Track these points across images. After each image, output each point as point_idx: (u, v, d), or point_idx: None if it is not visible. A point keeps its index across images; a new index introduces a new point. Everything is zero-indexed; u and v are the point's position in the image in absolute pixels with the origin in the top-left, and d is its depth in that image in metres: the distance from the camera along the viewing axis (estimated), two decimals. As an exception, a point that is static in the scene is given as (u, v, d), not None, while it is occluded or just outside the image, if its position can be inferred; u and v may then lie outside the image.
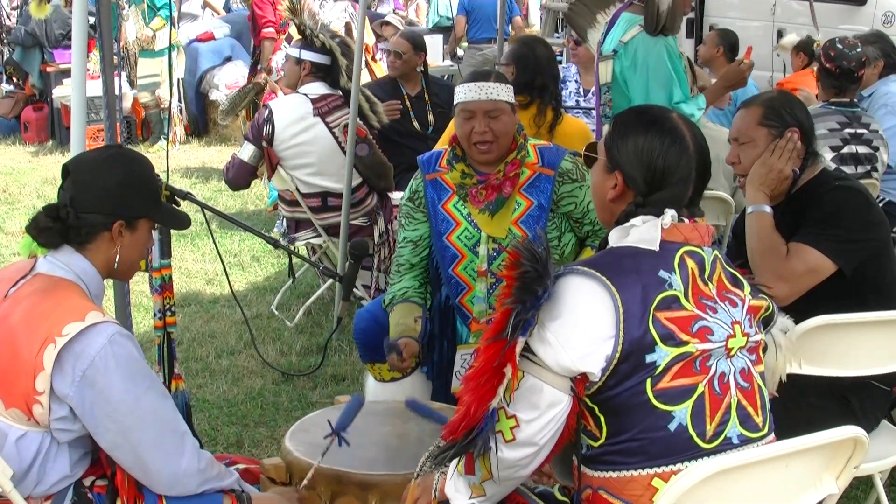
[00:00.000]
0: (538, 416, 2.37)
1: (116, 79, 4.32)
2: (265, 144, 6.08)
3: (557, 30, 13.72)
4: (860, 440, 2.50)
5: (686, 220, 2.50)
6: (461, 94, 4.04)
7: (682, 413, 2.38)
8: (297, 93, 6.25)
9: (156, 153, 11.41)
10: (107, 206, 2.91)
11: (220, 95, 12.18)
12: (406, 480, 2.84)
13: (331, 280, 6.33)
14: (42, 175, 10.79)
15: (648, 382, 2.36)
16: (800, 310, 3.22)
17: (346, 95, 6.15)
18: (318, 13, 6.47)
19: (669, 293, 2.39)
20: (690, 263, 2.45)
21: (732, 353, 2.45)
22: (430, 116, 7.22)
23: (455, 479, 2.53)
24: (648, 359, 2.35)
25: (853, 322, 3.41)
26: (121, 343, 2.74)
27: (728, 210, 5.51)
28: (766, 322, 2.67)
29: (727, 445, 2.43)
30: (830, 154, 5.46)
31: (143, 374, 2.79)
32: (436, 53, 11.76)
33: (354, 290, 5.49)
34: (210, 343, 6.16)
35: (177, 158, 11.32)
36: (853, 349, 3.45)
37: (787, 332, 2.80)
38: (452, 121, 4.30)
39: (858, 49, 5.78)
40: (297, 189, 6.20)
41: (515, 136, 4.08)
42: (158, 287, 3.85)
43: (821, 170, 3.77)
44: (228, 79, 12.41)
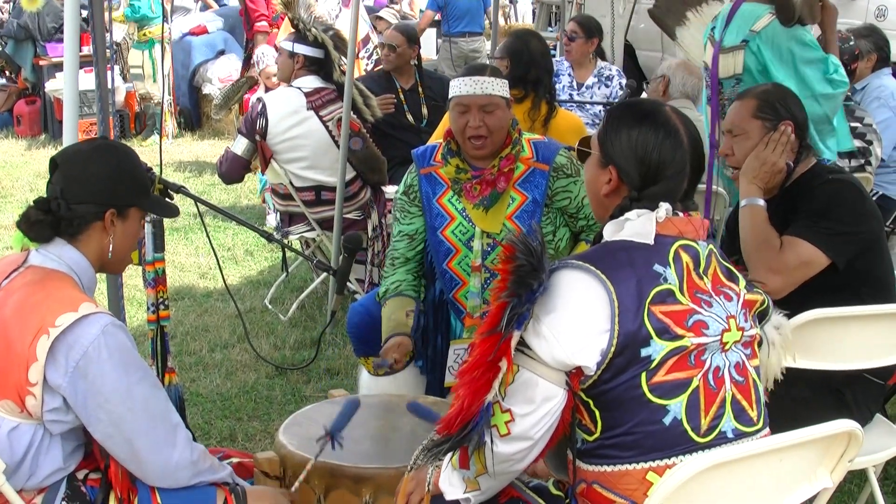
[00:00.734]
0: (533, 411, 2.37)
1: (109, 72, 4.31)
2: (259, 138, 6.08)
3: (551, 23, 13.74)
4: (854, 434, 2.50)
5: (680, 214, 2.50)
6: (456, 88, 4.03)
7: (677, 407, 2.38)
8: (291, 86, 6.25)
9: (149, 147, 11.40)
10: (98, 196, 2.90)
11: (214, 89, 12.16)
12: (400, 474, 2.83)
13: (324, 274, 6.33)
14: (35, 169, 10.77)
15: (643, 376, 2.35)
16: (793, 303, 3.22)
17: (340, 89, 6.15)
18: (314, 5, 6.45)
19: (664, 287, 2.39)
20: (685, 257, 2.45)
21: (727, 348, 2.45)
22: (424, 110, 7.21)
23: (449, 473, 2.53)
24: (643, 352, 2.35)
25: (847, 315, 3.41)
26: (114, 334, 2.73)
27: (721, 203, 5.50)
28: (762, 316, 2.66)
29: (722, 439, 2.43)
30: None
31: (136, 365, 2.78)
32: (429, 47, 11.75)
33: (348, 284, 5.48)
34: (203, 337, 6.16)
35: (170, 152, 11.32)
36: (847, 343, 3.45)
37: (780, 328, 2.79)
38: (447, 115, 4.29)
39: (851, 42, 5.79)
40: (291, 183, 6.20)
41: (510, 131, 4.07)
42: (152, 281, 3.84)
43: (814, 163, 3.78)
44: (222, 72, 12.40)
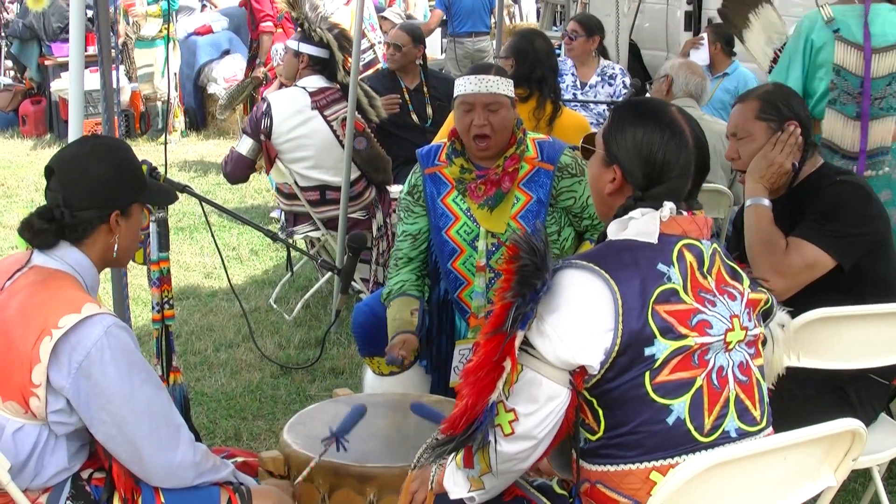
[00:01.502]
0: (537, 410, 2.37)
1: (114, 72, 4.32)
2: (263, 138, 6.08)
3: (555, 23, 13.74)
4: (858, 433, 2.50)
5: (685, 213, 2.50)
6: (461, 87, 4.04)
7: (681, 406, 2.38)
8: (296, 86, 6.25)
9: (160, 145, 11.42)
10: (100, 200, 2.89)
11: (219, 89, 12.17)
12: (404, 473, 2.84)
13: (329, 273, 6.34)
14: (40, 168, 10.60)
15: (647, 375, 2.35)
16: (798, 303, 3.22)
17: (345, 89, 6.15)
18: (321, 4, 6.46)
19: (668, 286, 2.39)
20: (689, 257, 2.45)
21: (731, 347, 2.45)
22: (429, 109, 7.21)
23: (454, 472, 2.54)
24: (647, 352, 2.35)
25: (852, 315, 3.41)
26: (116, 335, 2.73)
27: (725, 202, 5.50)
28: (766, 315, 2.66)
29: (725, 439, 2.43)
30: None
31: (139, 366, 2.78)
32: (434, 47, 11.74)
33: (353, 284, 5.49)
34: (208, 336, 6.16)
35: (175, 152, 11.32)
36: (851, 342, 3.44)
37: (784, 327, 2.79)
38: (451, 114, 4.29)
39: None
40: (296, 182, 6.20)
41: (514, 131, 4.07)
42: (156, 280, 3.85)
43: (821, 163, 3.77)
44: (227, 72, 12.40)
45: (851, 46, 4.53)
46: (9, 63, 13.89)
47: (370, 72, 7.85)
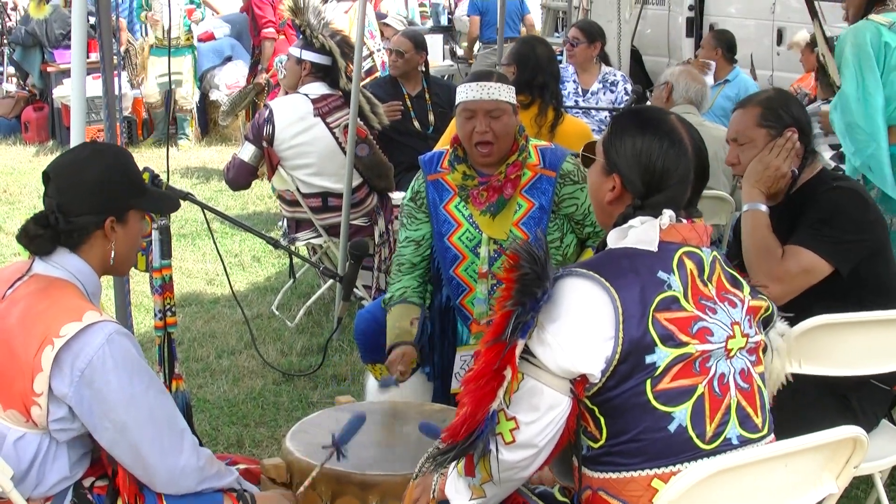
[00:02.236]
0: (538, 418, 2.38)
1: (116, 79, 4.32)
2: (265, 144, 6.08)
3: (557, 29, 13.74)
4: (860, 440, 2.50)
5: (684, 221, 2.50)
6: (463, 94, 4.04)
7: (682, 414, 2.38)
8: (298, 93, 6.26)
9: (184, 150, 11.47)
10: (95, 206, 2.89)
11: (221, 95, 12.17)
12: (406, 481, 2.84)
13: (331, 280, 6.33)
14: (42, 175, 10.77)
15: (648, 383, 2.36)
16: (798, 309, 3.22)
17: (347, 96, 6.15)
18: (323, 11, 6.46)
19: (668, 294, 2.40)
20: (689, 264, 2.45)
21: (732, 354, 2.45)
22: (431, 116, 7.22)
23: (455, 481, 2.54)
24: (648, 359, 2.35)
25: (852, 321, 3.40)
26: (118, 341, 2.74)
27: (727, 209, 5.50)
28: (766, 322, 2.66)
29: (727, 446, 2.43)
30: (830, 152, 5.47)
31: (142, 372, 2.78)
32: (436, 53, 11.77)
33: (355, 291, 5.50)
34: (210, 343, 6.16)
35: (177, 159, 11.33)
36: (852, 348, 3.44)
37: (785, 335, 2.79)
38: (453, 121, 4.29)
39: None
40: (298, 189, 6.20)
41: (517, 138, 4.07)
42: (159, 287, 3.85)
43: (820, 169, 3.77)
44: (229, 79, 12.40)
45: None
46: (11, 70, 13.90)
47: (368, 80, 7.86)
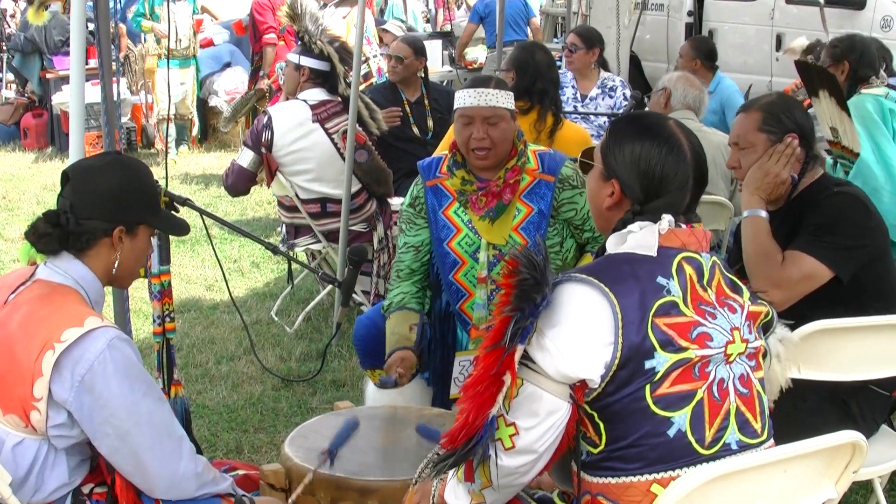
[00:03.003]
0: (537, 424, 2.37)
1: (115, 85, 4.32)
2: (264, 150, 6.09)
3: (556, 35, 13.75)
4: (859, 445, 2.50)
5: (683, 226, 2.50)
6: (460, 100, 4.04)
7: (682, 419, 2.38)
8: (297, 99, 6.26)
9: (182, 155, 11.52)
10: (107, 213, 2.91)
11: (220, 101, 12.18)
12: (405, 486, 2.84)
13: (330, 286, 6.33)
14: (42, 181, 10.79)
15: (648, 388, 2.35)
16: (799, 314, 3.22)
17: (345, 101, 6.15)
18: (321, 17, 6.46)
19: (668, 299, 2.39)
20: (688, 269, 2.45)
21: (731, 359, 2.45)
22: (430, 122, 7.21)
23: (455, 486, 2.54)
24: (647, 365, 2.35)
25: (852, 326, 3.40)
26: (119, 347, 2.74)
27: (726, 214, 5.50)
28: (766, 328, 2.66)
29: (726, 451, 2.43)
30: (828, 157, 5.47)
31: (141, 379, 2.79)
32: (435, 59, 11.77)
33: (354, 296, 5.49)
34: (210, 349, 6.16)
35: (176, 165, 11.33)
36: (852, 354, 3.44)
37: (784, 340, 2.79)
38: (452, 126, 4.30)
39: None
40: (297, 195, 6.20)
41: (515, 143, 4.07)
42: (157, 293, 3.85)
43: (821, 174, 3.77)
44: (228, 85, 12.41)
45: None
46: (10, 76, 13.91)
47: (364, 86, 7.85)
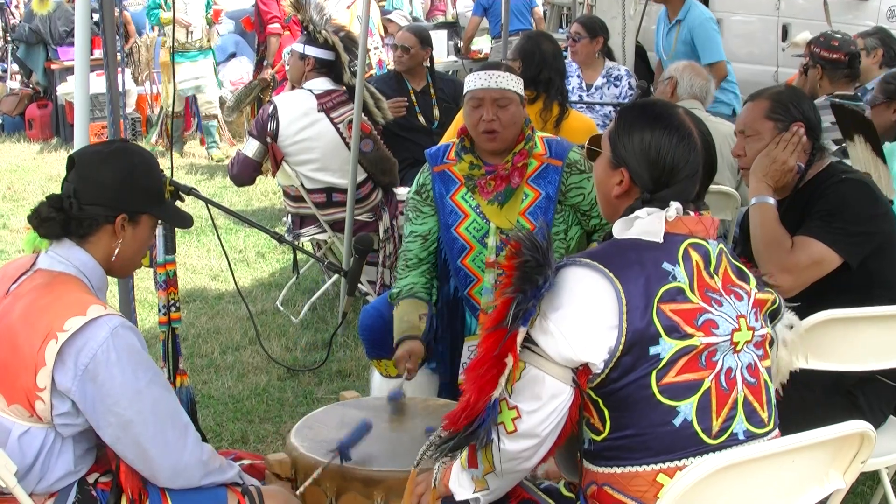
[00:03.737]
0: (540, 407, 2.37)
1: (120, 75, 4.31)
2: (269, 140, 6.08)
3: (562, 25, 13.73)
4: (867, 435, 2.49)
5: (691, 213, 2.49)
6: (471, 83, 4.05)
7: (688, 408, 2.37)
8: (302, 88, 6.25)
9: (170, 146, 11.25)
10: (110, 199, 2.90)
11: (225, 92, 12.16)
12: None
13: (336, 276, 6.33)
14: (46, 172, 10.79)
15: (653, 376, 2.34)
16: (806, 304, 3.20)
17: (351, 91, 6.14)
18: (325, 6, 6.46)
19: (673, 285, 2.38)
20: (695, 256, 2.44)
21: (739, 348, 2.44)
22: (436, 111, 7.19)
23: (458, 474, 2.54)
24: (652, 351, 2.34)
25: (859, 316, 3.40)
26: (123, 335, 2.73)
27: (732, 204, 5.49)
28: (773, 316, 2.65)
29: (733, 441, 2.42)
30: (833, 147, 5.46)
31: (145, 367, 2.78)
32: (440, 49, 11.76)
33: (359, 286, 5.48)
34: (215, 339, 6.16)
35: (184, 156, 11.32)
36: (859, 344, 3.43)
37: (793, 328, 2.78)
38: (458, 115, 4.29)
39: (849, 36, 5.95)
40: (302, 185, 6.20)
41: (523, 128, 4.08)
42: (163, 283, 3.84)
43: (829, 163, 3.77)
44: (233, 75, 12.40)
45: None
46: (15, 67, 13.90)
47: (372, 73, 7.83)
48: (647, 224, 2.45)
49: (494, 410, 2.35)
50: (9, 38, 13.91)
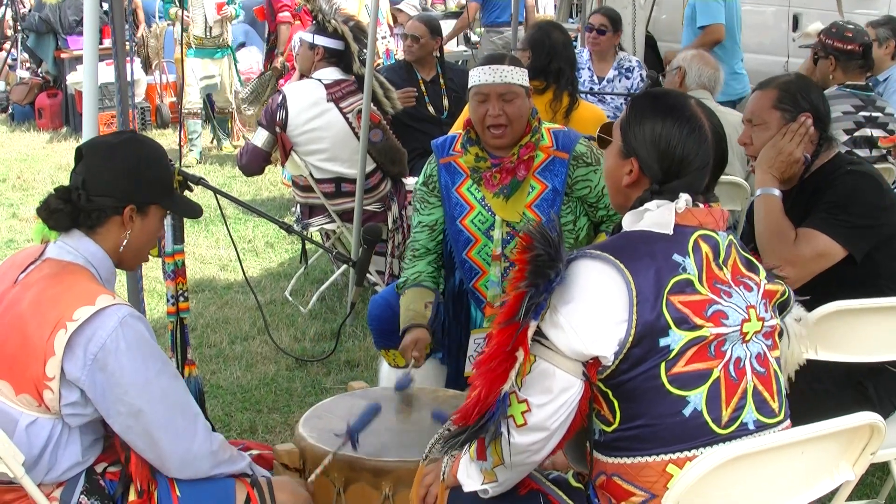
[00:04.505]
0: (550, 401, 2.36)
1: (129, 65, 4.31)
2: (279, 130, 6.08)
3: (572, 15, 13.69)
4: (877, 426, 2.48)
5: (701, 205, 2.48)
6: (475, 78, 4.03)
7: (697, 398, 2.37)
8: (311, 78, 6.25)
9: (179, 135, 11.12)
10: (118, 190, 2.90)
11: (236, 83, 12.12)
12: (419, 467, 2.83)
13: (344, 266, 6.33)
14: (56, 161, 10.80)
15: (662, 367, 2.34)
16: (813, 296, 3.19)
17: (360, 81, 6.14)
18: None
19: (683, 277, 2.38)
20: (705, 247, 2.43)
21: (748, 338, 2.44)
22: (446, 101, 7.19)
23: (467, 466, 2.53)
24: (662, 342, 2.33)
25: (869, 308, 3.39)
26: (132, 325, 2.73)
27: (742, 195, 5.48)
28: (783, 307, 2.64)
29: (743, 431, 2.42)
30: (844, 137, 5.45)
31: (155, 356, 2.78)
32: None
33: (368, 276, 5.48)
34: (224, 329, 6.16)
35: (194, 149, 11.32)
36: (869, 335, 3.42)
37: (801, 321, 2.77)
38: (466, 105, 4.28)
39: (861, 26, 5.94)
40: (311, 175, 6.20)
41: (529, 120, 4.06)
42: (171, 273, 3.84)
43: (835, 154, 3.75)
44: (242, 65, 12.37)
45: None
46: (25, 56, 13.91)
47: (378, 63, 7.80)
48: (657, 216, 2.45)
49: (504, 404, 2.35)
50: (19, 28, 13.91)
